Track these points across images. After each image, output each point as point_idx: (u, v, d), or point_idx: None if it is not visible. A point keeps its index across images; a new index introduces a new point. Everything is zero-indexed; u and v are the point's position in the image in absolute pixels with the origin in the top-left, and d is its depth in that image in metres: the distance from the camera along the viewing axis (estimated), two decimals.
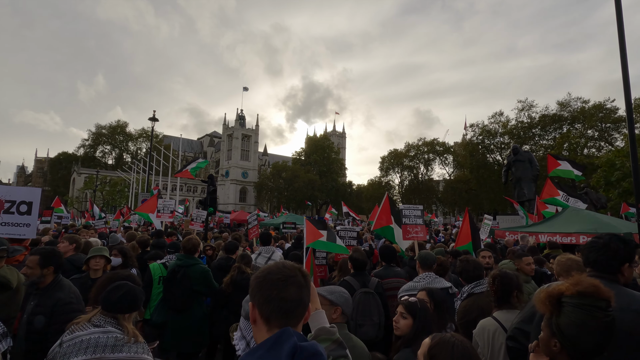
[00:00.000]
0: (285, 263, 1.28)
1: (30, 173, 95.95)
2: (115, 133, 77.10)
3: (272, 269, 1.23)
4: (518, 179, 16.60)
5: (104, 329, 2.14)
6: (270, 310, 1.14)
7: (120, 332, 2.15)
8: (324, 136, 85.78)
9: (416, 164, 63.39)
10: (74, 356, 2.01)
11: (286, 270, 1.23)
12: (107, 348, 2.05)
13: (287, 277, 1.20)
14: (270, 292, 1.16)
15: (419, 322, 2.21)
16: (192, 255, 4.32)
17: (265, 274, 1.22)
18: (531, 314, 1.83)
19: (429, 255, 3.81)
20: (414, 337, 2.14)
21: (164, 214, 9.67)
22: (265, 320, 1.15)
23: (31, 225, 3.97)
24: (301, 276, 1.24)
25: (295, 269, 1.26)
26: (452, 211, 58.60)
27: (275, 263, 1.28)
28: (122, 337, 2.12)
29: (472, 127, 49.63)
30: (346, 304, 2.30)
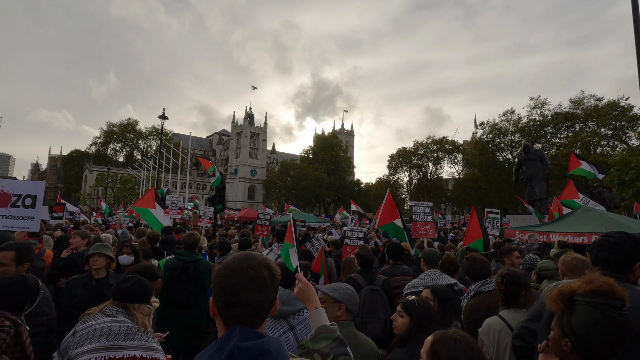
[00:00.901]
0: (252, 259, 1.14)
1: (44, 170, 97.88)
2: (126, 131, 78.19)
3: (236, 268, 1.11)
4: (529, 177, 16.35)
5: (116, 318, 2.18)
6: (229, 316, 1.08)
7: (131, 321, 2.19)
8: (332, 134, 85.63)
9: (425, 163, 62.92)
10: (87, 344, 2.06)
11: (249, 271, 1.10)
12: (119, 336, 2.09)
13: (249, 281, 1.09)
14: (229, 297, 1.07)
15: (415, 321, 2.17)
16: (193, 250, 4.37)
17: (227, 273, 1.10)
18: (538, 312, 1.79)
19: (433, 252, 3.78)
20: (409, 336, 2.12)
21: (173, 210, 9.75)
22: (223, 320, 1.10)
23: (35, 219, 4.04)
24: (268, 275, 1.13)
25: (262, 266, 1.14)
26: (461, 210, 58.07)
27: (241, 259, 1.14)
28: (133, 326, 2.16)
29: (482, 125, 49.09)
30: (350, 301, 2.28)
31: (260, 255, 1.21)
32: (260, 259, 1.17)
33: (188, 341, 4.09)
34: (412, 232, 5.92)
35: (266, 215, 8.72)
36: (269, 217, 8.81)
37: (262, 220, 8.69)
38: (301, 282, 1.76)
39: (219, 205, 14.39)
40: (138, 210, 8.40)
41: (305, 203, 67.26)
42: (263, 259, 1.19)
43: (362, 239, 5.76)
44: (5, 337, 2.00)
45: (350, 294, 2.31)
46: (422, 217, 5.99)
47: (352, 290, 2.33)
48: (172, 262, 4.30)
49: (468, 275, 3.19)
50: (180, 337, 3.98)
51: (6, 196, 3.91)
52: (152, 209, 8.07)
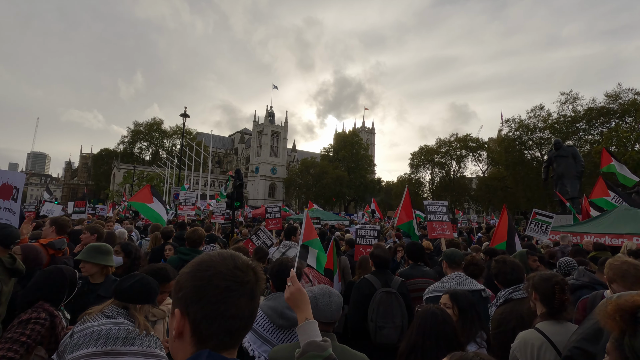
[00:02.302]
0: (238, 259, 0.92)
1: (76, 168, 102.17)
2: (152, 130, 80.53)
3: (222, 268, 0.87)
4: (560, 175, 15.46)
5: (116, 320, 2.02)
6: (212, 331, 0.84)
7: (132, 324, 2.02)
8: (352, 132, 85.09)
9: (448, 161, 61.34)
10: (84, 347, 1.90)
11: (238, 273, 0.88)
12: (118, 340, 1.92)
13: (240, 284, 0.87)
14: (215, 306, 0.83)
15: (414, 336, 1.92)
16: (197, 247, 4.15)
17: (208, 275, 0.86)
18: (596, 331, 1.46)
19: (455, 252, 3.45)
20: (407, 353, 1.86)
21: (186, 206, 9.77)
22: (197, 339, 0.84)
23: (16, 213, 3.82)
24: (254, 279, 0.91)
25: (249, 267, 0.91)
26: (485, 210, 56.25)
27: (225, 257, 0.91)
28: (134, 330, 1.98)
29: (508, 122, 47.23)
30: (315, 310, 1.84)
31: (243, 255, 0.98)
32: (246, 260, 0.95)
33: None
34: (429, 233, 5.60)
35: (275, 209, 8.60)
36: (278, 209, 8.69)
37: (270, 213, 8.58)
38: (294, 285, 1.51)
39: (236, 202, 14.38)
40: (135, 205, 8.21)
41: (326, 201, 67.09)
42: (247, 259, 0.96)
43: (375, 237, 5.46)
44: (40, 329, 2.08)
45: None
46: (438, 216, 5.66)
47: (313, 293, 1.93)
48: (174, 261, 4.07)
49: (497, 279, 2.83)
50: None
51: (9, 188, 3.81)
52: (149, 204, 7.84)
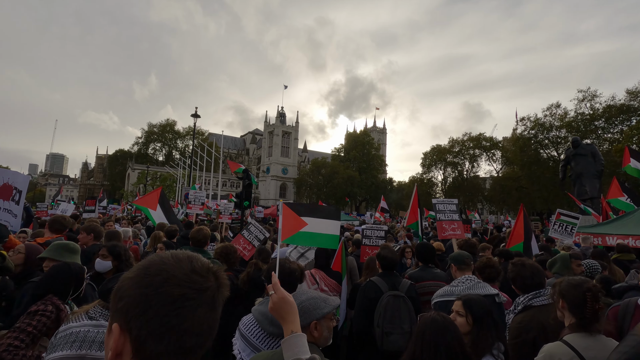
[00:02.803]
0: (197, 261, 0.76)
1: (92, 169, 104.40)
2: (165, 131, 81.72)
3: (175, 272, 0.71)
4: (578, 174, 14.87)
5: (97, 322, 1.89)
6: (160, 351, 0.67)
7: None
8: (363, 132, 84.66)
9: (461, 160, 60.38)
10: (59, 350, 1.78)
11: (196, 278, 0.72)
12: (94, 344, 1.79)
13: (198, 292, 0.71)
14: (165, 318, 0.67)
15: (412, 346, 1.73)
16: (202, 247, 4.00)
17: (158, 281, 0.69)
18: None
19: (462, 254, 3.21)
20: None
21: (195, 205, 9.70)
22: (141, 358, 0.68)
23: (17, 217, 3.76)
24: (216, 285, 0.75)
25: (209, 271, 0.76)
26: (500, 210, 55.10)
27: (180, 259, 0.74)
28: None
29: (523, 121, 46.14)
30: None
31: (202, 257, 0.80)
32: (206, 262, 0.77)
33: None
34: (439, 233, 5.33)
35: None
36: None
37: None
38: (277, 292, 1.32)
39: (245, 201, 14.31)
40: (140, 208, 8.10)
41: (337, 201, 66.85)
42: (207, 261, 0.78)
43: (382, 238, 5.22)
44: (46, 321, 2.14)
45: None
46: (448, 215, 5.36)
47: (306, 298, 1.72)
48: None
49: (515, 284, 2.58)
50: None
51: (9, 189, 3.74)
52: (151, 210, 7.62)
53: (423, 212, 6.62)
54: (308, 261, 4.85)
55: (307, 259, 4.90)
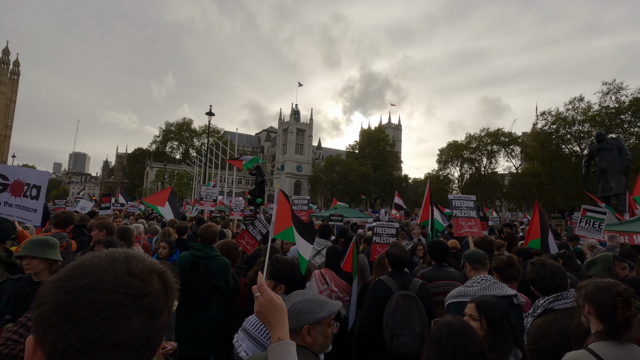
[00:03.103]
0: (135, 261, 0.64)
1: (113, 167, 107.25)
2: (182, 130, 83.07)
3: (103, 274, 0.60)
4: (603, 170, 14.25)
5: None
6: None
7: None
8: (378, 129, 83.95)
9: (478, 157, 59.08)
10: None
11: (133, 282, 0.61)
12: None
13: (135, 298, 0.60)
14: (87, 330, 0.56)
15: (426, 352, 1.59)
16: (210, 244, 3.93)
17: (82, 286, 0.58)
18: None
19: (477, 252, 3.01)
20: None
21: (207, 202, 9.72)
22: None
23: (37, 212, 3.79)
24: (161, 290, 0.64)
25: (152, 273, 0.64)
26: (519, 207, 53.68)
27: (114, 259, 0.63)
28: None
29: (544, 115, 44.68)
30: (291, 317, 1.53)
31: (146, 255, 0.68)
32: (149, 263, 0.66)
33: (197, 350, 3.59)
34: (454, 230, 5.09)
35: (302, 201, 8.27)
36: (305, 202, 8.37)
37: (297, 205, 8.22)
38: (263, 295, 1.21)
39: (258, 199, 14.35)
40: (149, 206, 8.28)
41: (351, 198, 66.57)
42: (151, 262, 0.67)
43: (394, 235, 5.05)
44: None
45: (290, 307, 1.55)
46: (465, 212, 5.11)
47: (300, 300, 1.58)
48: (185, 257, 3.88)
49: (534, 285, 2.39)
50: (187, 345, 3.46)
51: (20, 185, 3.80)
52: (160, 207, 7.73)
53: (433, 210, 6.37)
54: (324, 259, 4.75)
55: (323, 256, 4.79)
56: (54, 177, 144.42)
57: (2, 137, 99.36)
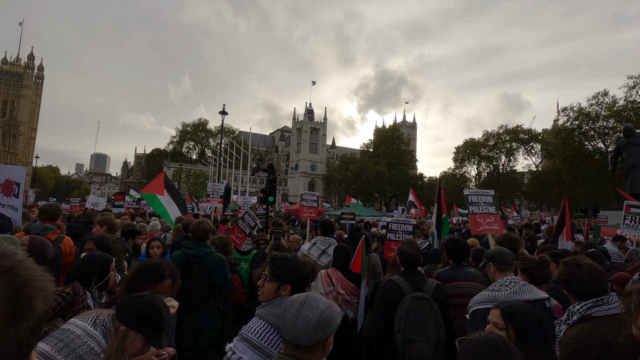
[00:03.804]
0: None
1: (132, 167, 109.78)
2: (198, 130, 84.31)
3: None
4: (631, 166, 13.53)
5: (93, 332, 1.67)
6: None
7: (104, 343, 1.66)
8: (393, 127, 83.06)
9: (496, 154, 57.65)
10: (47, 341, 1.60)
11: None
12: (71, 354, 1.57)
13: None
14: None
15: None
16: (204, 242, 3.74)
17: None
18: None
19: (502, 251, 2.70)
20: None
21: (214, 198, 9.61)
22: None
23: (18, 210, 3.68)
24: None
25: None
26: (539, 206, 52.04)
27: None
28: (99, 352, 1.61)
29: (565, 111, 43.15)
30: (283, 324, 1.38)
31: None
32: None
33: (198, 352, 3.41)
34: (472, 228, 4.74)
35: (312, 197, 8.02)
36: (315, 198, 8.12)
37: (307, 201, 7.98)
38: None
39: (270, 197, 14.19)
40: (145, 197, 7.62)
41: (366, 197, 66.06)
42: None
43: (410, 233, 4.74)
44: (60, 301, 2.20)
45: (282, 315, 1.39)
46: (483, 208, 4.74)
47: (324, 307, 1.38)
48: (177, 256, 3.68)
49: (568, 288, 2.06)
50: (188, 347, 3.29)
51: (10, 184, 3.70)
52: (159, 195, 7.13)
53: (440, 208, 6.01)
54: (330, 258, 4.51)
55: (329, 255, 4.54)
56: (76, 178, 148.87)
57: (28, 139, 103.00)
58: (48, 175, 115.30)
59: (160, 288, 2.21)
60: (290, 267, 1.99)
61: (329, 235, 4.98)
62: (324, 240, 4.84)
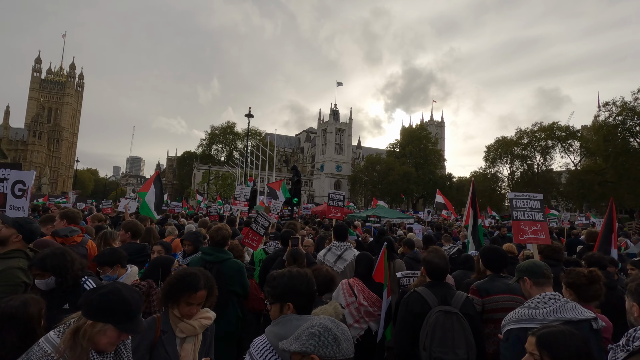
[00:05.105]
0: None
1: (164, 170, 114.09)
2: (226, 133, 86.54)
3: None
4: None
5: (52, 335, 1.67)
6: None
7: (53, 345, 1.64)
8: (420, 126, 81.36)
9: (530, 153, 55.04)
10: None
11: None
12: None
13: None
14: None
15: None
16: (222, 248, 3.66)
17: None
18: None
19: (538, 264, 2.44)
20: None
21: (240, 201, 9.66)
22: None
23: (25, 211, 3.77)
24: None
25: None
26: (579, 207, 49.14)
27: None
28: (51, 353, 1.58)
29: (607, 106, 40.49)
30: (320, 344, 1.29)
31: None
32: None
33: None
34: (515, 237, 4.31)
35: (339, 196, 7.94)
36: (342, 197, 8.04)
37: (334, 200, 7.89)
38: None
39: (294, 198, 14.25)
40: (141, 196, 7.77)
41: (392, 198, 64.99)
42: None
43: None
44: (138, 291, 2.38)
45: (316, 333, 1.32)
46: (528, 214, 4.27)
47: (319, 328, 1.34)
48: (195, 262, 3.64)
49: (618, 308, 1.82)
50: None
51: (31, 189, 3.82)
52: (148, 192, 7.29)
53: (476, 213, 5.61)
54: (347, 263, 4.33)
55: (345, 260, 4.38)
56: (114, 180, 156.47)
57: (70, 143, 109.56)
58: (88, 178, 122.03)
59: (194, 299, 2.16)
60: (285, 284, 1.90)
61: (343, 240, 4.80)
62: (339, 245, 4.67)
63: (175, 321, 2.14)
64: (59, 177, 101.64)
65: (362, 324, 3.35)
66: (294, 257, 3.77)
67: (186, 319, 2.15)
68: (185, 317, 2.14)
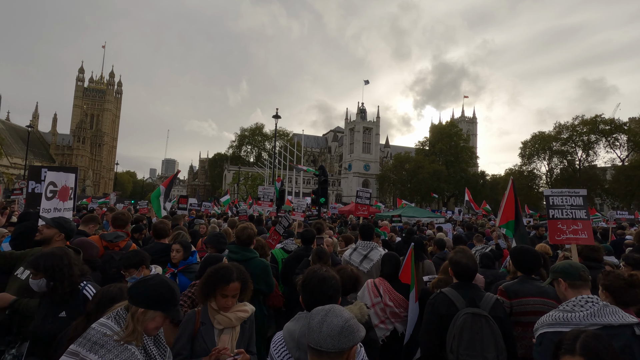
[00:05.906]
0: None
1: (197, 171, 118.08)
2: (255, 134, 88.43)
3: None
4: None
5: (105, 321, 1.79)
6: None
7: (117, 328, 1.76)
8: (450, 123, 78.92)
9: (571, 148, 52.04)
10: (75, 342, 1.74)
11: None
12: (87, 344, 1.69)
13: None
14: None
15: None
16: (248, 247, 3.74)
17: None
18: None
19: (574, 266, 2.30)
20: None
21: (264, 202, 9.79)
22: None
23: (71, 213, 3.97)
24: None
25: None
26: (626, 205, 45.88)
27: None
28: (111, 334, 1.70)
29: None
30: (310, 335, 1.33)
31: None
32: None
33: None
34: (551, 236, 4.03)
35: (366, 194, 8.04)
36: (369, 195, 8.16)
37: (361, 198, 8.00)
38: None
39: (321, 198, 14.24)
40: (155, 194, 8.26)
41: (422, 197, 63.56)
42: None
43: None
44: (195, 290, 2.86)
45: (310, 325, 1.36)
46: (568, 212, 3.96)
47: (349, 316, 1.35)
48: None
49: None
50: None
51: (66, 190, 4.04)
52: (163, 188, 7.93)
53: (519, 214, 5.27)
54: (373, 263, 4.28)
55: (371, 260, 4.33)
56: (150, 181, 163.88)
57: (110, 147, 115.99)
58: (127, 180, 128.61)
59: (228, 291, 2.28)
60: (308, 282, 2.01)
61: (369, 239, 4.75)
62: (365, 245, 4.62)
63: (213, 313, 2.27)
64: (101, 180, 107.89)
65: (388, 324, 3.30)
66: (319, 255, 3.79)
67: (223, 311, 2.27)
68: (222, 310, 2.27)
